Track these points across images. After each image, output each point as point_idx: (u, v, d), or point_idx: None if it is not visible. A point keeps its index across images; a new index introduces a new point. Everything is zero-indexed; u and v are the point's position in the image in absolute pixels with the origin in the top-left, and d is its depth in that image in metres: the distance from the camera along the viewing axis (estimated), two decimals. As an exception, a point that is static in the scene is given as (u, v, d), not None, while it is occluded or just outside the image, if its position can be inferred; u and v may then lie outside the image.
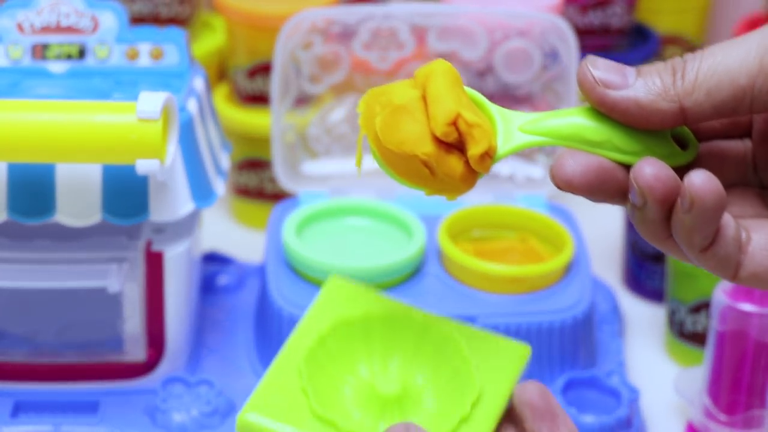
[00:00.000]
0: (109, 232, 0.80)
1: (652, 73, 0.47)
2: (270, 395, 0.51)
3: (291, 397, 0.51)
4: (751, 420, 0.80)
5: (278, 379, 0.52)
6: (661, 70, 0.47)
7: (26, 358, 0.82)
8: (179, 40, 0.83)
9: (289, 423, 0.50)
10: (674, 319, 0.92)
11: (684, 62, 0.47)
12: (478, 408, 0.52)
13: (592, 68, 0.48)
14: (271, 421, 0.50)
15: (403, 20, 0.93)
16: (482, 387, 0.53)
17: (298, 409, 0.51)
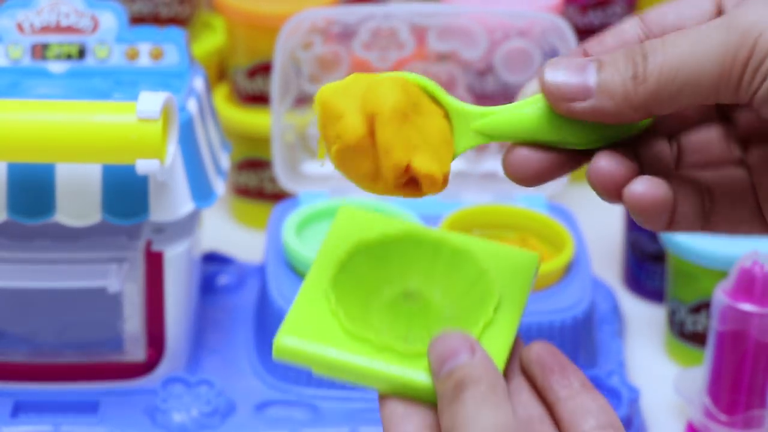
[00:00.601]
0: (109, 232, 0.80)
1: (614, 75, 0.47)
2: (302, 319, 0.52)
3: (322, 320, 0.52)
4: (751, 420, 0.80)
5: (307, 305, 0.53)
6: (622, 70, 0.46)
7: (26, 358, 0.82)
8: (179, 40, 0.83)
9: (325, 343, 0.50)
10: (674, 319, 0.92)
11: (644, 58, 0.46)
12: (499, 312, 0.53)
13: (552, 78, 0.48)
14: (307, 343, 0.51)
15: (403, 20, 0.93)
16: (500, 293, 0.54)
17: (331, 330, 0.52)
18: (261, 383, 0.84)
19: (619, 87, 0.46)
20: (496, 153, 0.97)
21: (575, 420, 0.49)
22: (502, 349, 0.52)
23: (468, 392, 0.48)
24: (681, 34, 0.46)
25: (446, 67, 0.96)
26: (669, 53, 0.46)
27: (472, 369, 0.48)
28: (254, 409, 0.82)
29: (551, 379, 0.51)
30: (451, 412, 0.48)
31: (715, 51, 0.45)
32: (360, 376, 0.51)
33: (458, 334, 0.50)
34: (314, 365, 0.51)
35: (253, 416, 0.81)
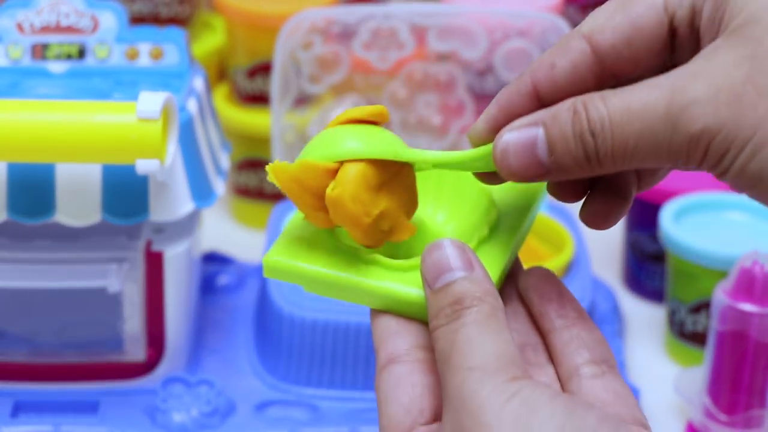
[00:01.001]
0: (109, 232, 0.79)
1: (565, 156, 0.45)
2: (293, 238, 0.51)
3: (314, 239, 0.51)
4: (751, 420, 0.80)
5: (300, 225, 0.52)
6: (573, 150, 0.45)
7: (26, 358, 0.82)
8: (179, 40, 0.83)
9: (315, 260, 0.50)
10: (674, 319, 0.92)
11: (594, 136, 0.44)
12: (497, 232, 0.51)
13: (504, 161, 0.47)
14: (296, 260, 0.50)
15: (403, 20, 0.93)
16: (501, 215, 0.52)
17: (323, 248, 0.50)
18: (261, 383, 0.84)
19: (574, 166, 0.46)
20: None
21: (569, 351, 0.48)
22: (496, 266, 0.49)
23: (469, 314, 0.45)
24: (626, 108, 0.44)
25: (446, 67, 0.96)
26: (617, 135, 0.44)
27: (471, 285, 0.46)
28: (254, 409, 0.82)
29: (548, 307, 0.49)
30: (448, 331, 0.45)
31: (662, 136, 0.43)
32: (349, 292, 0.49)
33: (454, 242, 0.47)
34: (303, 282, 0.50)
35: (253, 416, 0.81)
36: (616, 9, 0.46)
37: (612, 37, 0.45)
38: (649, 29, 0.45)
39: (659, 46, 0.46)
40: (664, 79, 0.44)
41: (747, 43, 0.43)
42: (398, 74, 0.96)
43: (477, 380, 0.43)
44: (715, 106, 0.42)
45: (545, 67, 0.46)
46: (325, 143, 0.49)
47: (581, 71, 0.46)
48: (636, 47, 0.45)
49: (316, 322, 0.82)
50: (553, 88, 0.46)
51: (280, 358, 0.83)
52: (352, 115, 0.50)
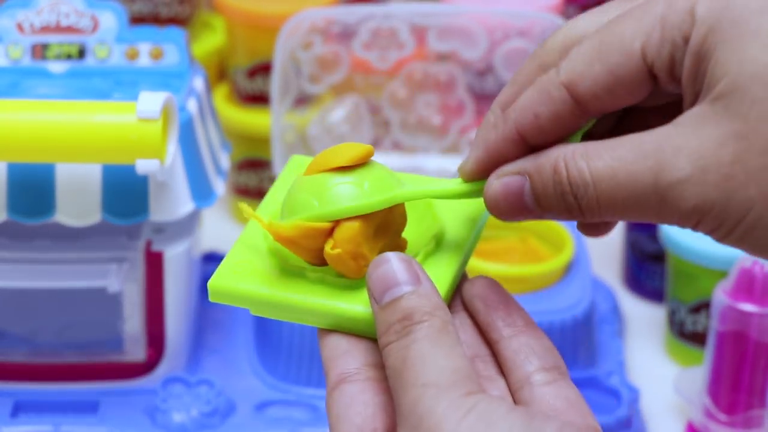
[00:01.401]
0: (109, 232, 0.79)
1: (552, 209, 0.45)
2: (238, 262, 0.51)
3: (258, 261, 0.51)
4: (751, 420, 0.80)
5: (245, 248, 0.52)
6: (560, 207, 0.45)
7: (26, 358, 0.82)
8: (179, 40, 0.83)
9: (260, 281, 0.49)
10: (674, 319, 0.92)
11: (576, 198, 0.44)
12: (443, 245, 0.51)
13: (495, 207, 0.47)
14: (241, 282, 0.50)
15: (403, 20, 0.93)
16: (447, 228, 0.52)
17: (267, 269, 0.50)
18: (261, 383, 0.84)
19: (561, 216, 0.46)
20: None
21: (518, 360, 0.47)
22: (444, 280, 0.49)
23: (420, 329, 0.44)
24: (612, 176, 0.43)
25: (446, 67, 0.96)
26: (603, 200, 0.44)
27: (420, 300, 0.45)
28: (254, 409, 0.82)
29: (494, 316, 0.48)
30: (399, 347, 0.44)
31: (651, 206, 0.43)
32: (296, 312, 0.49)
33: (400, 256, 0.46)
34: (250, 305, 0.50)
35: (253, 416, 0.81)
36: (594, 57, 0.44)
37: (593, 87, 0.45)
38: (629, 78, 0.44)
39: (641, 90, 0.45)
40: (650, 144, 0.43)
41: (733, 118, 0.41)
42: (398, 74, 0.96)
43: (432, 397, 0.43)
44: (704, 187, 0.42)
45: (529, 118, 0.46)
46: (318, 198, 0.49)
47: (565, 119, 0.46)
48: (618, 94, 0.45)
49: (316, 322, 0.82)
50: (540, 135, 0.46)
51: (280, 358, 0.83)
52: (339, 162, 0.49)
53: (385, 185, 0.50)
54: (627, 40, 0.44)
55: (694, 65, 0.43)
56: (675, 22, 0.43)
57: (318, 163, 0.50)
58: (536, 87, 0.46)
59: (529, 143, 0.46)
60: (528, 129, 0.46)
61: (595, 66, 0.44)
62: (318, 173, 0.50)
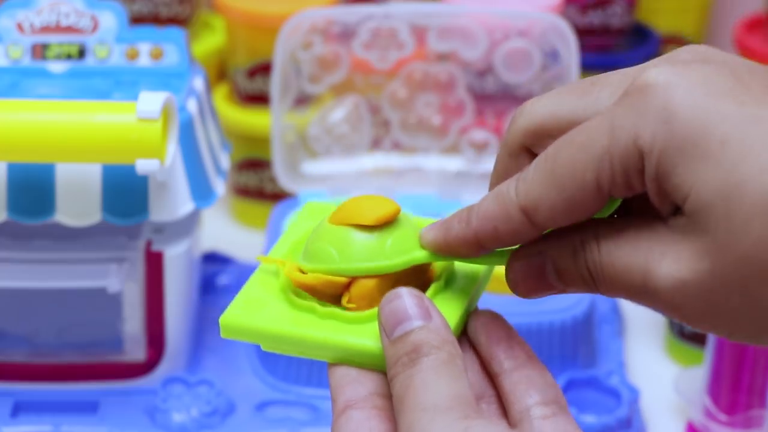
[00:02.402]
0: (109, 232, 0.80)
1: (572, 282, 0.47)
2: (249, 298, 0.52)
3: (270, 298, 0.52)
4: (751, 420, 0.80)
5: (257, 286, 0.52)
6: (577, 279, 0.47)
7: (26, 358, 0.82)
8: (179, 40, 0.83)
9: (271, 318, 0.50)
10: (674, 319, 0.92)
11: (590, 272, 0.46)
12: (453, 280, 0.52)
13: (515, 286, 0.49)
14: (252, 318, 0.50)
15: (403, 20, 0.93)
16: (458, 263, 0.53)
17: (278, 306, 0.51)
18: (261, 383, 0.84)
19: (583, 291, 0.48)
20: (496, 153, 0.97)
21: (518, 392, 0.47)
22: (453, 315, 0.50)
23: (426, 359, 0.45)
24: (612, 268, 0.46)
25: (446, 67, 0.96)
26: (609, 285, 0.46)
27: (429, 334, 0.46)
28: (254, 409, 0.82)
29: (496, 349, 0.49)
30: (405, 376, 0.45)
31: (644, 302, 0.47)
32: (306, 347, 0.49)
33: (411, 291, 0.47)
34: (260, 340, 0.50)
35: (253, 416, 0.81)
36: (549, 185, 0.45)
37: (550, 213, 0.45)
38: (587, 204, 0.45)
39: (599, 209, 0.45)
40: (644, 241, 0.44)
41: (704, 234, 0.42)
42: (398, 74, 0.96)
43: (429, 419, 0.43)
44: (687, 300, 0.44)
45: (489, 229, 0.47)
46: (339, 252, 0.50)
47: (523, 234, 0.47)
48: (576, 215, 0.46)
49: (316, 322, 0.82)
50: (498, 244, 0.48)
51: (280, 358, 0.83)
52: (364, 221, 0.50)
53: (408, 245, 0.51)
54: (578, 171, 0.44)
55: (657, 188, 0.43)
56: (623, 156, 0.43)
57: (345, 213, 0.51)
58: (497, 199, 0.47)
59: (485, 247, 0.48)
60: (487, 239, 0.48)
61: (552, 193, 0.45)
62: (342, 225, 0.51)
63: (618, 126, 0.43)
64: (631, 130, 0.43)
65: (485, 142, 0.97)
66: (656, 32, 1.22)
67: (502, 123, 0.97)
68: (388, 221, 0.51)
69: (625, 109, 0.43)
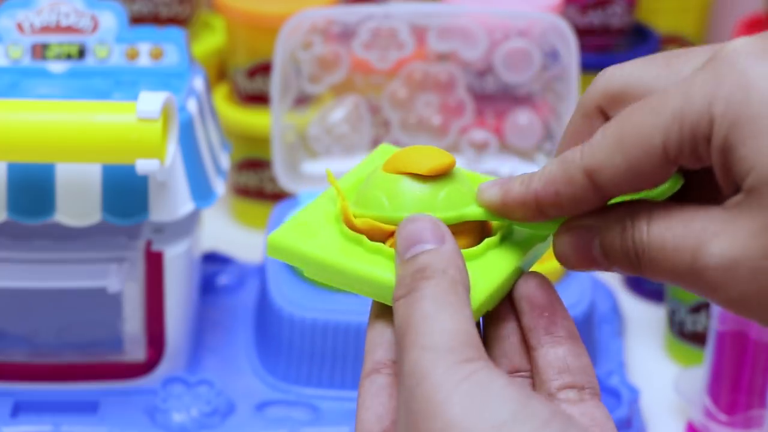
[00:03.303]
0: (109, 232, 0.80)
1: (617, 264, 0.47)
2: (302, 221, 0.51)
3: (322, 224, 0.51)
4: (751, 420, 0.80)
5: (313, 210, 0.52)
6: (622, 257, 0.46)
7: (26, 358, 0.82)
8: (179, 40, 0.83)
9: (318, 244, 0.50)
10: (674, 319, 0.92)
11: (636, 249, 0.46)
12: (508, 240, 0.51)
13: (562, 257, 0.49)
14: (299, 241, 0.50)
15: (403, 20, 0.93)
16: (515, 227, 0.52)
17: (328, 233, 0.51)
18: (261, 383, 0.84)
19: (625, 270, 0.47)
20: (496, 153, 0.97)
21: (550, 373, 0.47)
22: (493, 279, 0.49)
23: (427, 286, 0.45)
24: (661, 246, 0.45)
25: (446, 67, 0.96)
26: (654, 264, 0.45)
27: (436, 257, 0.46)
28: (254, 409, 0.82)
29: (538, 322, 0.49)
30: (406, 305, 0.45)
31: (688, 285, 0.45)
32: (346, 278, 0.49)
33: (429, 217, 0.47)
34: (304, 264, 0.50)
35: (253, 416, 0.81)
36: (614, 149, 0.45)
37: (613, 177, 0.45)
38: (651, 170, 0.45)
39: (664, 177, 0.45)
40: (697, 222, 0.44)
41: (764, 211, 0.42)
42: (398, 74, 0.96)
43: (430, 360, 0.43)
44: (734, 281, 0.43)
45: (550, 193, 0.47)
46: (390, 200, 0.50)
47: (583, 201, 0.47)
48: (638, 183, 0.45)
49: (316, 322, 0.82)
50: (556, 210, 0.47)
51: (280, 358, 0.83)
52: (418, 170, 0.50)
53: (460, 200, 0.50)
54: (646, 135, 0.44)
55: (722, 160, 0.43)
56: (694, 120, 0.43)
57: (399, 162, 0.50)
58: (561, 164, 0.47)
59: (544, 214, 0.48)
60: (547, 203, 0.47)
61: (617, 157, 0.45)
62: (396, 173, 0.50)
63: (694, 91, 0.43)
64: (707, 95, 0.42)
65: (485, 142, 0.97)
66: (656, 32, 1.22)
67: (502, 123, 0.97)
68: (442, 173, 0.50)
69: (704, 76, 0.43)
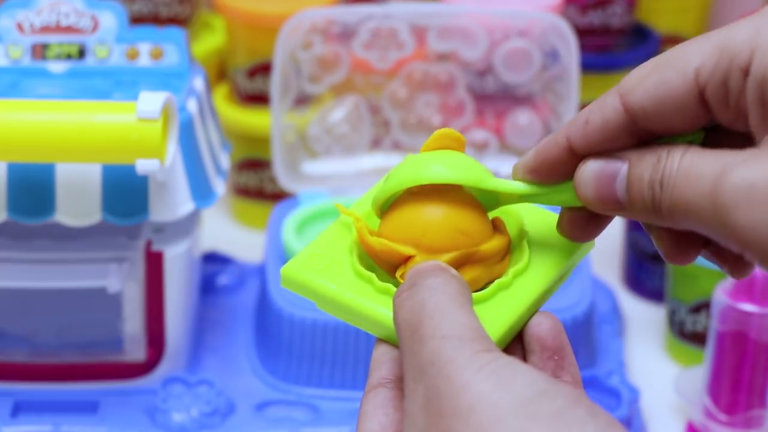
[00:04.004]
0: (109, 232, 0.80)
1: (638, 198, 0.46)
2: (317, 253, 0.51)
3: (337, 257, 0.51)
4: (751, 420, 0.80)
5: (328, 240, 0.52)
6: (645, 191, 0.46)
7: (26, 358, 0.82)
8: (179, 40, 0.83)
9: (331, 278, 0.50)
10: (674, 319, 0.92)
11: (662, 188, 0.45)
12: (520, 279, 0.50)
13: (585, 193, 0.48)
14: (313, 275, 0.50)
15: (403, 20, 0.93)
16: (532, 261, 0.51)
17: (342, 267, 0.51)
18: (261, 383, 0.84)
19: (641, 210, 0.46)
20: (496, 153, 0.97)
21: None
22: (504, 320, 0.49)
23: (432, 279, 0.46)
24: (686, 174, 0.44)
25: (446, 67, 0.96)
26: (675, 195, 0.44)
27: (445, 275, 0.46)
28: (254, 409, 0.82)
29: (546, 364, 0.49)
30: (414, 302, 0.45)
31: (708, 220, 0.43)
32: (356, 316, 0.49)
33: (436, 261, 0.48)
34: (315, 298, 0.50)
35: (253, 416, 0.81)
36: (651, 70, 0.45)
37: (643, 99, 0.45)
38: (678, 96, 0.45)
39: (690, 114, 0.45)
40: (729, 157, 0.43)
41: None
42: (398, 74, 0.96)
43: (454, 347, 0.43)
44: (749, 204, 0.42)
45: (580, 124, 0.47)
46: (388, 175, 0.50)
47: (612, 128, 0.46)
48: (666, 111, 0.45)
49: (316, 322, 0.82)
50: (585, 144, 0.47)
51: (280, 358, 0.83)
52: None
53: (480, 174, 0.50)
54: (685, 60, 0.44)
55: (759, 94, 0.43)
56: (734, 51, 0.43)
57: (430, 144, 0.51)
58: (596, 100, 0.47)
59: (576, 154, 0.47)
60: (576, 135, 0.47)
61: (650, 78, 0.45)
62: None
63: (739, 28, 0.44)
64: (751, 31, 0.43)
65: (485, 142, 0.97)
66: (656, 32, 1.22)
67: (502, 123, 0.97)
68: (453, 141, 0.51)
69: (750, 20, 0.44)
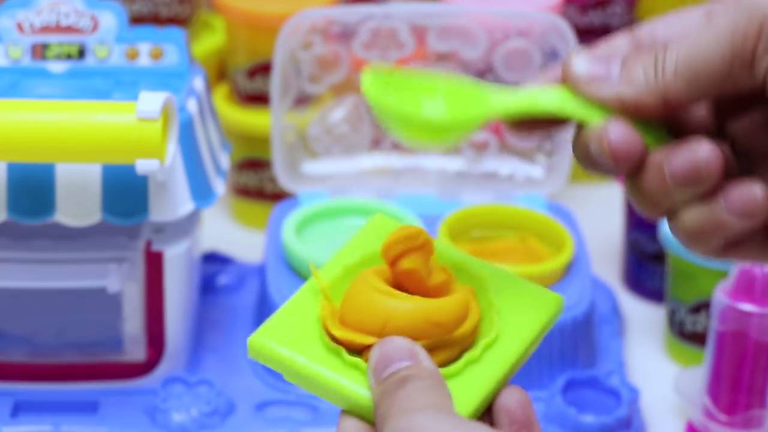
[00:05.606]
0: (109, 232, 0.80)
1: (636, 65, 0.47)
2: (284, 323, 0.51)
3: (305, 327, 0.51)
4: (751, 420, 0.80)
5: (296, 309, 0.52)
6: (646, 62, 0.47)
7: (26, 358, 0.82)
8: (179, 40, 0.83)
9: (299, 350, 0.50)
10: (674, 319, 0.92)
11: (664, 49, 0.47)
12: (490, 352, 0.50)
13: (575, 64, 0.49)
14: (280, 346, 0.50)
15: (403, 20, 0.93)
16: (501, 332, 0.51)
17: (310, 339, 0.51)
18: (261, 383, 0.84)
19: (641, 76, 0.47)
20: (496, 153, 0.97)
21: None
22: (475, 395, 0.49)
23: (412, 383, 0.46)
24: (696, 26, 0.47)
25: (446, 67, 0.96)
26: (685, 43, 0.46)
27: (418, 370, 0.47)
28: (254, 409, 0.82)
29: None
30: (391, 399, 0.46)
31: (726, 34, 0.45)
32: (324, 390, 0.49)
33: (401, 338, 0.48)
34: (282, 370, 0.50)
35: (253, 416, 0.81)
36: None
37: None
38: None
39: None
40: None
41: None
42: (398, 74, 0.95)
43: (431, 416, 0.44)
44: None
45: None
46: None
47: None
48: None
49: (316, 322, 0.82)
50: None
51: (280, 358, 0.83)
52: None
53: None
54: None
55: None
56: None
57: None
58: None
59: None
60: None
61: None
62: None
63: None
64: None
65: (485, 142, 0.97)
66: (656, 32, 1.22)
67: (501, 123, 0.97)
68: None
69: None
